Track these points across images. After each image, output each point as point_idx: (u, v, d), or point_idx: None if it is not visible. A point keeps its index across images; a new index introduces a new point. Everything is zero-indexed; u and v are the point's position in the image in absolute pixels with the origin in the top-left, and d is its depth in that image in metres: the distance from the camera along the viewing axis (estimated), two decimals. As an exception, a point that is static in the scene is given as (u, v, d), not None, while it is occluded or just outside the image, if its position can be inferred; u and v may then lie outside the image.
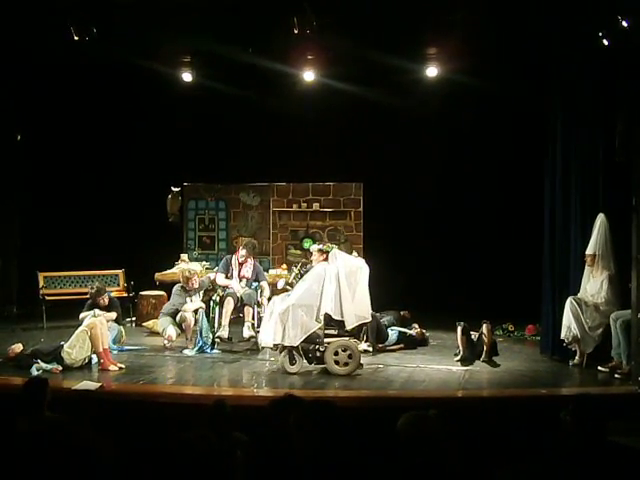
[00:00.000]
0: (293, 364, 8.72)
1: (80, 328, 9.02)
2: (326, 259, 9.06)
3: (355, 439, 4.26)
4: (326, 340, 8.75)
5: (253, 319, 10.09)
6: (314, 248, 9.49)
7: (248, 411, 6.18)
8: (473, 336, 9.48)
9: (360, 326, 9.60)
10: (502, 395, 7.84)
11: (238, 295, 10.12)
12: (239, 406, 6.26)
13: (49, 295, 11.78)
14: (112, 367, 8.82)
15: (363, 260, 9.61)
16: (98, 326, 8.98)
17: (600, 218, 8.98)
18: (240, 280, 10.35)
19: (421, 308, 11.00)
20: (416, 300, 11.21)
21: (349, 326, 8.76)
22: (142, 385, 8.28)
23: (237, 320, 10.12)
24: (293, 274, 9.76)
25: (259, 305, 10.26)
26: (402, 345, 10.18)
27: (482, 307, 10.48)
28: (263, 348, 9.48)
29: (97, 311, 9.76)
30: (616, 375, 8.38)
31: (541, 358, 9.56)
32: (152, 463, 4.08)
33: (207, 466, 4.00)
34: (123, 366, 8.96)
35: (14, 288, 12.83)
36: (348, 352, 8.66)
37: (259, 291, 10.37)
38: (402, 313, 10.82)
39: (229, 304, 9.97)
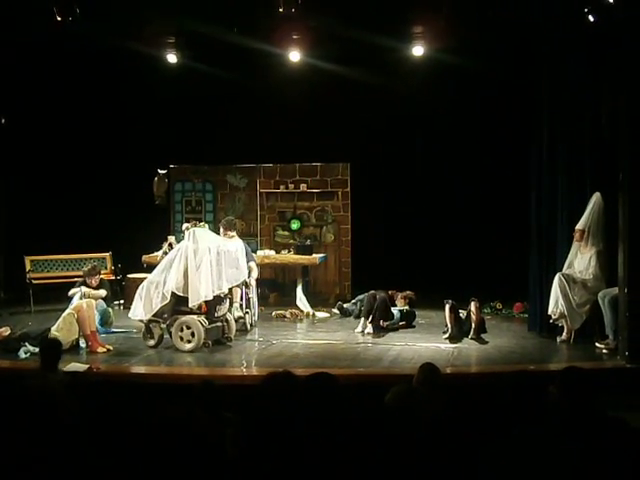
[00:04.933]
0: (150, 338, 9.04)
1: (67, 311, 9.01)
2: None
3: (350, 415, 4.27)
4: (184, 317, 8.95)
5: (241, 300, 10.11)
6: (184, 226, 9.67)
7: (237, 391, 6.17)
8: (461, 314, 9.53)
9: (369, 306, 9.93)
10: (491, 371, 7.89)
11: (226, 276, 10.11)
12: (228, 386, 6.26)
13: (36, 279, 11.75)
14: (100, 349, 8.82)
15: (238, 242, 9.92)
16: (85, 308, 8.97)
17: (596, 196, 9.03)
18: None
19: (409, 287, 10.99)
20: (404, 279, 11.21)
21: (191, 303, 8.90)
22: (130, 366, 8.29)
23: (225, 301, 10.11)
24: (161, 251, 9.87)
25: (247, 286, 10.27)
26: (404, 323, 10.25)
27: (471, 286, 10.50)
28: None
29: (84, 288, 9.76)
30: (604, 350, 8.46)
31: (529, 335, 9.63)
32: (142, 442, 4.08)
33: (197, 443, 4.00)
34: (111, 348, 8.97)
35: (0, 272, 12.77)
36: (191, 330, 8.84)
37: (247, 272, 10.35)
38: (390, 292, 10.82)
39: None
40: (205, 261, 8.97)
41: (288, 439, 3.79)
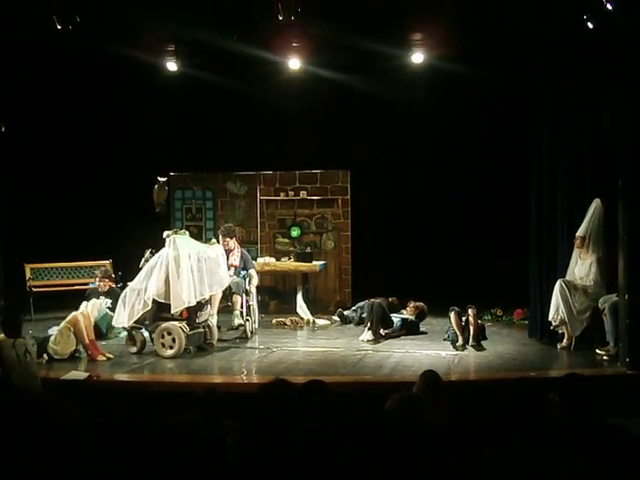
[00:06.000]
0: (133, 344, 9.17)
1: (62, 324, 8.99)
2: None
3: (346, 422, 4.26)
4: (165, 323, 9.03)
5: (242, 307, 10.12)
6: (165, 234, 9.67)
7: (238, 398, 6.16)
8: (462, 322, 9.50)
9: (369, 313, 9.98)
10: (491, 378, 7.88)
11: (227, 283, 10.12)
12: (229, 393, 6.25)
13: (36, 287, 11.73)
14: (100, 357, 8.81)
15: (217, 247, 9.87)
16: (81, 320, 8.95)
17: (596, 202, 9.04)
18: (228, 269, 10.32)
19: (409, 295, 10.99)
20: (404, 286, 11.20)
21: (173, 310, 8.96)
22: (131, 374, 8.28)
23: (226, 308, 10.12)
24: (143, 259, 9.94)
25: (247, 293, 10.29)
26: (405, 331, 10.22)
27: (471, 292, 10.48)
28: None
29: (93, 302, 9.72)
30: (604, 357, 8.46)
31: (530, 342, 9.62)
32: (142, 450, 4.07)
33: (196, 451, 4.00)
34: (111, 356, 8.96)
35: (0, 280, 12.74)
36: (172, 336, 8.93)
37: (247, 279, 10.37)
38: (390, 299, 10.80)
39: (218, 292, 9.97)
40: (185, 267, 9.01)
41: (286, 447, 3.79)
